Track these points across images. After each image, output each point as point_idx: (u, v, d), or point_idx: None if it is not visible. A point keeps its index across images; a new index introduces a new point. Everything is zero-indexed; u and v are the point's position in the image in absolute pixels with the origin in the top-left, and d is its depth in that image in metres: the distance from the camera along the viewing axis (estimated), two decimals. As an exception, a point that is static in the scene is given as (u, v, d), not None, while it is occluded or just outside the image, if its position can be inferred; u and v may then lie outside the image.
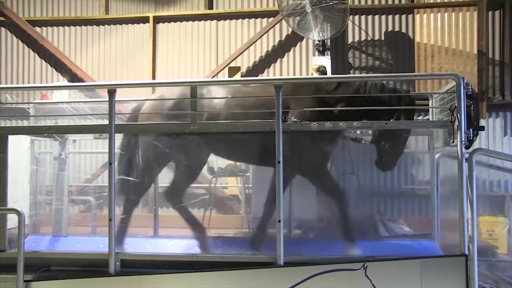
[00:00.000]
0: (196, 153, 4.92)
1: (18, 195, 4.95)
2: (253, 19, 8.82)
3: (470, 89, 4.08)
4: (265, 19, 8.74)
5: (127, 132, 4.92)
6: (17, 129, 5.53)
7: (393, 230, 5.93)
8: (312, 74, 6.70)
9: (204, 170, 7.50)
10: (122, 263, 4.32)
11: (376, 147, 4.81)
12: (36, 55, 9.22)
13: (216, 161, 6.73)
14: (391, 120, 4.53)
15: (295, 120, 4.36)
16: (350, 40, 8.55)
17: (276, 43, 8.77)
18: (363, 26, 8.52)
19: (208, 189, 7.47)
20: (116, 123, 4.38)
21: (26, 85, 9.15)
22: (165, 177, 5.32)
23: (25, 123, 7.28)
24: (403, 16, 8.42)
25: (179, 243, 4.86)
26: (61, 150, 5.32)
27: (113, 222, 4.21)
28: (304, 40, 8.49)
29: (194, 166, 5.09)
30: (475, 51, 7.98)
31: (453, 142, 4.06)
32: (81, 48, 9.19)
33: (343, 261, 4.00)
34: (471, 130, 4.02)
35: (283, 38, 8.75)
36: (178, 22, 9.00)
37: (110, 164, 4.27)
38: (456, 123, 4.00)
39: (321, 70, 6.66)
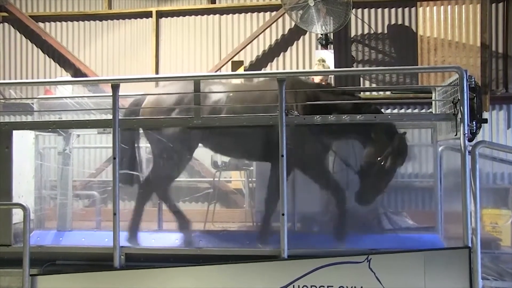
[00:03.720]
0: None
1: (23, 190, 4.96)
2: (256, 13, 8.81)
3: (473, 82, 4.06)
4: (268, 13, 8.73)
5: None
6: (21, 124, 5.54)
7: (397, 223, 5.93)
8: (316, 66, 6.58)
9: (208, 164, 7.55)
10: (127, 257, 4.33)
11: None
12: (40, 50, 9.24)
13: (220, 155, 6.73)
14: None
15: (298, 113, 4.36)
16: (353, 33, 8.53)
17: (279, 37, 8.76)
18: (366, 20, 8.50)
19: (212, 183, 7.50)
20: (120, 117, 4.39)
21: (29, 80, 9.16)
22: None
23: (29, 118, 7.31)
24: (406, 9, 8.39)
25: (183, 237, 4.87)
26: (65, 145, 5.33)
27: (117, 216, 4.22)
28: (307, 33, 8.48)
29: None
30: (478, 44, 7.96)
31: (456, 135, 4.06)
32: (85, 43, 9.21)
33: (346, 254, 4.02)
34: (474, 122, 4.00)
35: (286, 32, 8.74)
36: (181, 17, 9.00)
37: (114, 158, 4.29)
38: (459, 116, 3.98)
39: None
